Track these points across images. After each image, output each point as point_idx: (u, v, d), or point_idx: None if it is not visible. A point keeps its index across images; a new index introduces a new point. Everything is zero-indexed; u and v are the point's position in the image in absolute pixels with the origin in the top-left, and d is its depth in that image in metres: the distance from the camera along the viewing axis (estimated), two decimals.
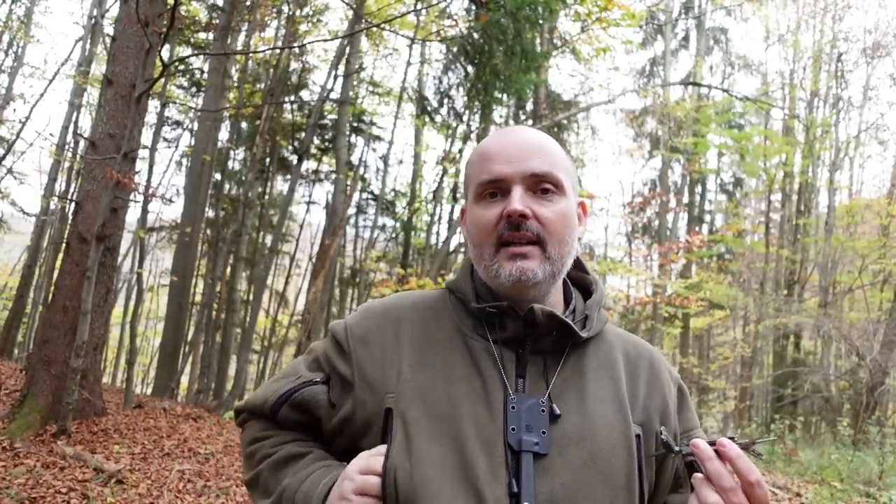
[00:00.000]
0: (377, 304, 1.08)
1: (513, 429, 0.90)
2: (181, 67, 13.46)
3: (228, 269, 14.00)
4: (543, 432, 0.90)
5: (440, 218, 15.48)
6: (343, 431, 1.00)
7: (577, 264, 1.09)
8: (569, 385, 0.96)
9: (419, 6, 12.16)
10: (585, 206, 1.07)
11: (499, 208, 0.95)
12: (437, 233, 15.21)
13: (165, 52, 10.51)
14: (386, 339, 1.01)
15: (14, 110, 15.73)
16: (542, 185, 0.96)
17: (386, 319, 1.04)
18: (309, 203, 17.37)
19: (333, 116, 14.55)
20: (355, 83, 15.04)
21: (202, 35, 14.00)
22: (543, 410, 0.92)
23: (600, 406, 0.95)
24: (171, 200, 11.80)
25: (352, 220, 16.09)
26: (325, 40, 12.92)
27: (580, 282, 1.10)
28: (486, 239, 0.96)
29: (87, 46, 13.46)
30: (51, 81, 14.03)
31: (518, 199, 0.93)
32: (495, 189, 0.96)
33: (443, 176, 14.13)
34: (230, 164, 15.36)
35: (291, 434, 1.05)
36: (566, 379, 0.97)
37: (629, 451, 0.93)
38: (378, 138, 16.76)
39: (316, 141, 15.39)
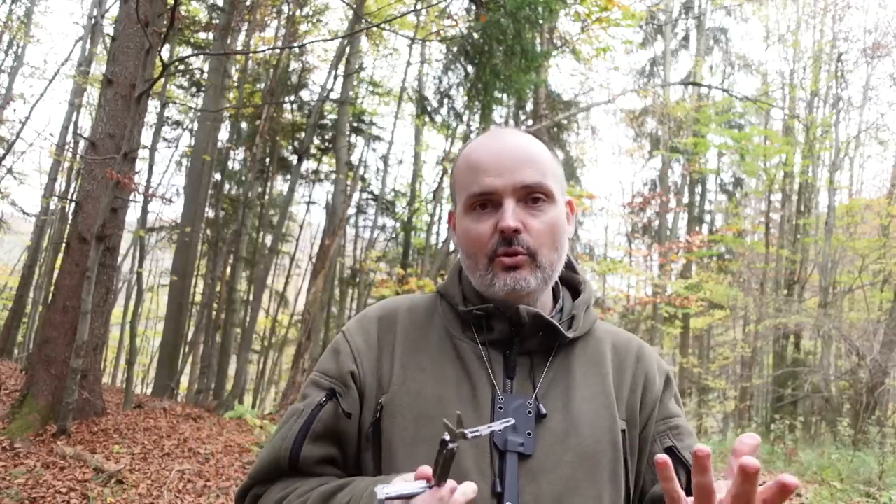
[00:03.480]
0: (373, 309, 1.09)
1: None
2: (181, 67, 13.46)
3: (228, 269, 13.99)
4: (529, 433, 0.91)
5: (440, 218, 15.47)
6: (362, 443, 0.99)
7: (568, 264, 1.10)
8: (556, 384, 0.97)
9: (419, 6, 12.16)
10: (573, 204, 1.08)
11: (491, 221, 0.95)
12: (437, 233, 15.22)
13: (165, 52, 10.51)
14: (382, 342, 1.02)
15: (14, 110, 15.73)
16: (532, 195, 0.96)
17: (381, 323, 1.05)
18: (309, 203, 17.39)
19: (333, 116, 14.55)
20: (355, 83, 15.04)
21: (202, 35, 13.99)
22: (530, 411, 0.93)
23: (586, 403, 0.96)
24: (170, 200, 11.80)
25: (352, 220, 16.10)
26: (325, 40, 12.93)
27: (570, 281, 1.11)
28: (479, 251, 0.96)
29: (87, 46, 13.46)
30: (51, 81, 14.04)
31: (511, 215, 0.94)
32: (486, 201, 0.96)
33: (443, 176, 14.12)
34: (230, 164, 15.36)
35: (319, 480, 0.96)
36: (553, 378, 0.98)
37: (614, 446, 0.94)
38: (378, 138, 16.76)
39: (316, 141, 15.39)
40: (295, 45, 12.86)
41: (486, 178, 0.95)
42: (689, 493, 0.88)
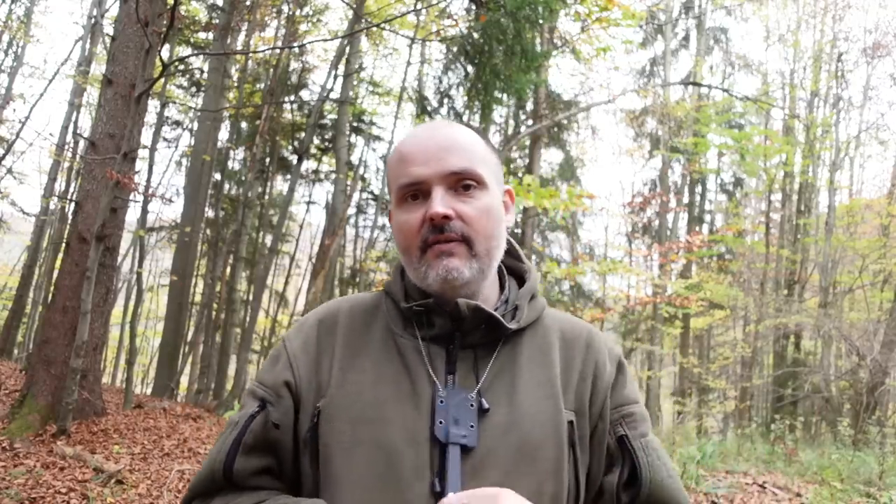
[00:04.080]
0: (313, 313, 1.07)
1: (440, 422, 0.89)
2: (181, 67, 13.45)
3: (228, 269, 13.99)
4: (472, 426, 0.89)
5: None
6: (299, 450, 0.97)
7: (512, 252, 1.08)
8: (500, 377, 0.95)
9: (419, 6, 12.16)
10: (512, 193, 1.06)
11: (421, 211, 0.93)
12: None
13: (165, 52, 10.50)
14: (322, 345, 1.00)
15: (14, 110, 15.74)
16: (462, 182, 0.94)
17: (321, 327, 1.03)
18: (309, 203, 17.39)
19: (333, 116, 14.55)
20: (355, 83, 15.04)
21: (202, 35, 13.99)
22: (472, 405, 0.91)
23: (530, 395, 0.94)
24: (170, 200, 11.80)
25: (352, 220, 16.10)
26: (325, 40, 12.92)
27: (516, 271, 1.08)
28: (411, 242, 0.94)
29: (87, 46, 13.45)
30: (50, 81, 14.04)
31: (439, 201, 0.91)
32: (416, 191, 0.94)
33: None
34: (230, 163, 15.36)
35: (256, 497, 0.94)
36: (498, 371, 0.95)
37: (558, 438, 0.92)
38: (378, 138, 16.77)
39: (316, 141, 15.40)
40: (295, 45, 12.85)
41: (413, 168, 0.94)
42: (631, 481, 0.96)
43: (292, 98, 14.75)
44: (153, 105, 12.38)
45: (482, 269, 0.94)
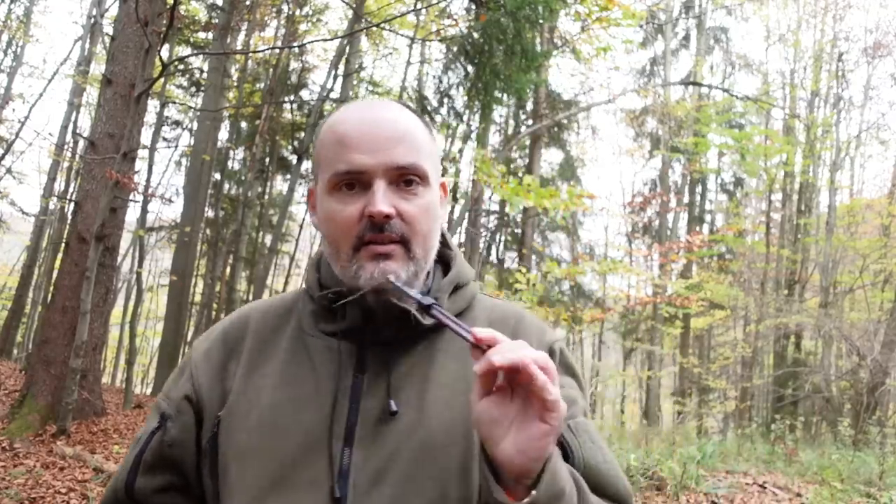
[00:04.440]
0: (225, 320, 1.01)
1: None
2: (181, 67, 13.45)
3: (228, 269, 13.99)
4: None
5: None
6: (201, 467, 0.92)
7: (440, 239, 1.00)
8: (412, 376, 0.88)
9: (419, 6, 12.16)
10: (446, 186, 1.00)
11: (359, 204, 0.85)
12: None
13: (165, 52, 10.50)
14: (229, 353, 0.95)
15: (13, 110, 15.74)
16: (406, 177, 0.87)
17: (228, 335, 0.97)
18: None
19: None
20: (355, 83, 15.04)
21: (202, 35, 13.99)
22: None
23: (443, 394, 0.87)
24: (170, 200, 11.80)
25: None
26: (325, 40, 12.92)
27: (443, 258, 1.01)
28: (343, 237, 0.86)
29: (87, 46, 13.45)
30: (50, 81, 14.04)
31: (381, 198, 0.84)
32: (353, 181, 0.86)
33: (442, 176, 14.11)
34: (230, 163, 15.36)
35: None
36: (411, 369, 0.89)
37: (467, 438, 0.85)
38: None
39: None
40: (295, 44, 12.85)
41: (354, 155, 0.85)
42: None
43: (292, 98, 14.75)
44: (153, 105, 12.38)
45: (417, 272, 0.88)
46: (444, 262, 1.00)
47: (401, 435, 0.84)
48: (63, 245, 7.65)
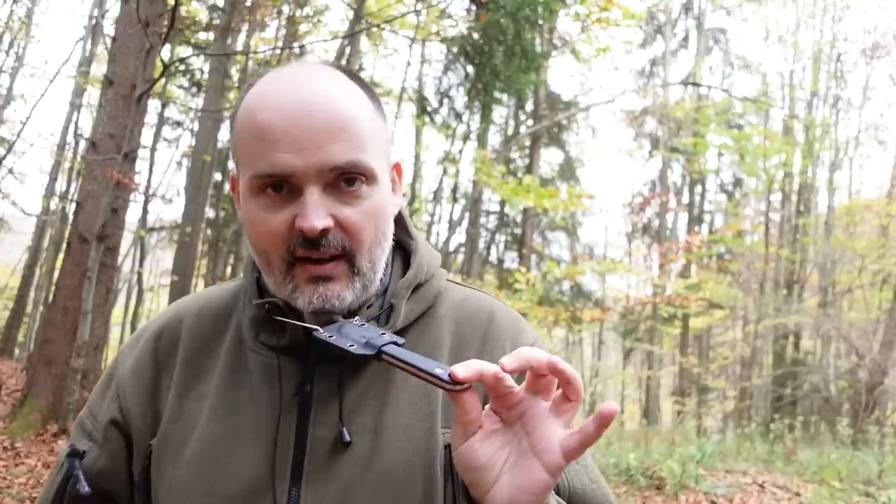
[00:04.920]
0: (156, 319, 0.87)
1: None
2: (182, 68, 13.48)
3: (229, 269, 14.01)
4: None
5: (440, 218, 15.52)
6: (135, 501, 0.81)
7: (399, 221, 0.84)
8: (366, 399, 0.75)
9: (419, 6, 12.18)
10: (400, 168, 0.83)
11: (287, 213, 0.69)
12: (437, 233, 15.23)
13: (166, 53, 10.53)
14: (158, 364, 0.82)
15: (15, 110, 15.77)
16: (346, 175, 0.70)
17: (161, 340, 0.83)
18: None
19: None
20: None
21: (202, 35, 14.02)
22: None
23: (400, 418, 0.74)
24: (170, 200, 11.82)
25: None
26: (326, 40, 12.94)
27: (403, 247, 0.85)
28: (272, 250, 0.71)
29: (88, 47, 13.48)
30: (51, 82, 14.08)
31: (314, 210, 0.68)
32: (279, 181, 0.69)
33: (443, 176, 14.15)
34: (230, 164, 15.38)
35: None
36: (365, 390, 0.75)
37: (429, 467, 0.73)
38: None
39: None
40: (295, 45, 12.88)
41: (278, 155, 0.68)
42: None
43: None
44: (154, 105, 12.41)
45: (365, 286, 0.74)
46: (403, 250, 0.85)
47: (356, 467, 0.72)
48: (64, 245, 7.67)
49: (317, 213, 0.68)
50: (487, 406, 0.62)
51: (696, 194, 19.70)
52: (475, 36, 10.54)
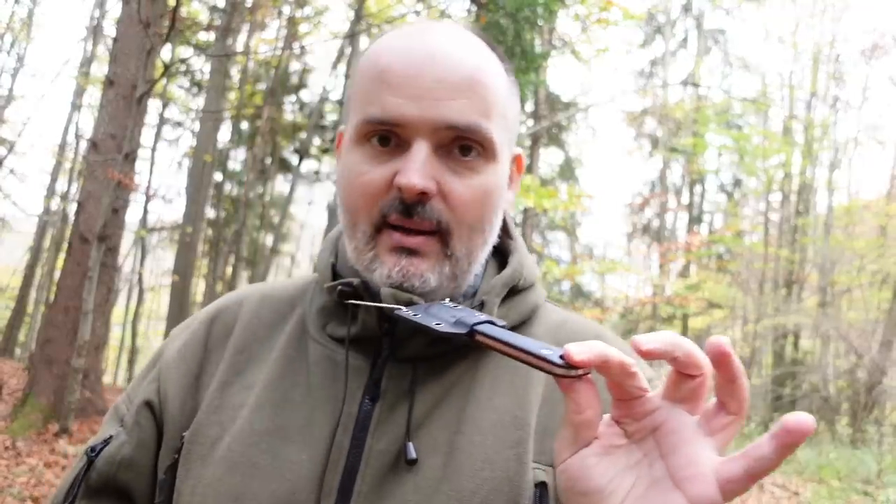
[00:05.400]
0: (213, 304, 0.79)
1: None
2: (182, 68, 13.51)
3: (229, 269, 14.03)
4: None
5: None
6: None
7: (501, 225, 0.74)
8: (444, 409, 0.64)
9: (419, 6, 12.21)
10: (521, 161, 0.74)
11: (388, 168, 0.62)
12: None
13: (166, 53, 10.56)
14: (208, 349, 0.73)
15: (16, 111, 15.80)
16: (462, 142, 0.62)
17: (214, 324, 0.75)
18: (309, 203, 17.44)
19: (334, 117, 14.60)
20: None
21: (203, 36, 14.05)
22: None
23: (484, 439, 0.62)
24: (171, 200, 11.85)
25: None
26: (326, 41, 12.97)
27: (501, 248, 0.74)
28: (362, 207, 0.63)
29: (89, 47, 13.52)
30: (52, 82, 14.11)
31: (417, 167, 0.60)
32: (388, 133, 0.62)
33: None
34: (231, 164, 15.41)
35: None
36: (442, 399, 0.64)
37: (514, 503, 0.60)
38: None
39: (317, 141, 15.45)
40: (297, 45, 12.91)
41: (392, 100, 0.61)
42: None
43: (294, 100, 14.81)
44: (154, 106, 12.45)
45: (455, 275, 0.64)
46: (499, 252, 0.74)
47: (418, 493, 0.60)
48: (65, 245, 7.70)
49: (421, 170, 0.60)
50: (607, 415, 0.48)
51: (695, 194, 19.72)
52: None
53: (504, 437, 0.62)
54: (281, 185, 18.12)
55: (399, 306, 0.59)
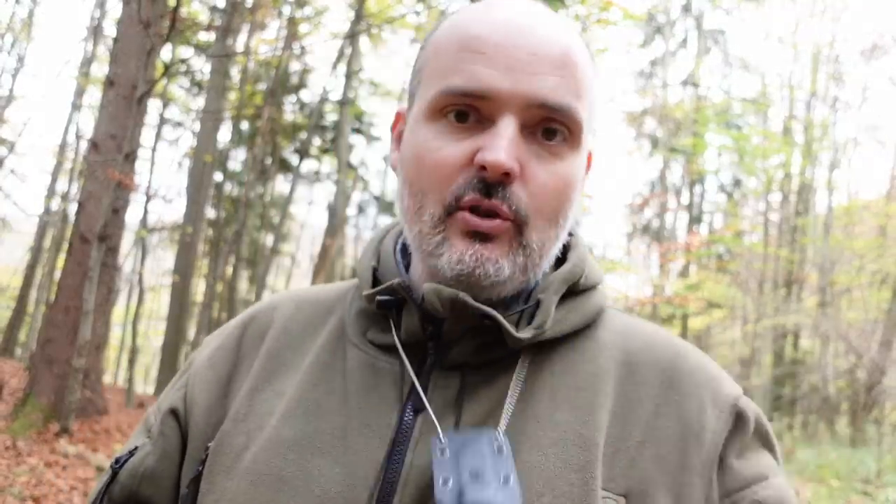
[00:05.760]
0: (247, 310, 0.75)
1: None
2: (182, 68, 13.52)
3: (229, 269, 14.05)
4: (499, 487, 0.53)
5: None
6: None
7: None
8: (496, 422, 0.57)
9: (419, 6, 12.22)
10: (591, 156, 0.67)
11: (467, 145, 0.56)
12: None
13: (167, 54, 10.58)
14: (240, 356, 0.68)
15: (16, 111, 15.83)
16: (550, 123, 0.57)
17: (249, 330, 0.70)
18: (309, 203, 17.46)
19: (334, 117, 14.62)
20: (356, 84, 15.11)
21: (203, 36, 14.07)
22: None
23: (541, 457, 0.55)
24: (171, 201, 11.88)
25: (352, 220, 16.16)
26: (326, 41, 12.98)
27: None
28: (433, 186, 0.57)
29: (89, 47, 13.53)
30: (52, 83, 14.11)
31: (506, 143, 0.54)
32: (468, 108, 0.57)
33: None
34: (231, 164, 15.43)
35: None
36: (493, 411, 0.57)
37: None
38: (378, 139, 16.85)
39: (317, 141, 15.47)
40: (296, 45, 12.92)
41: (481, 70, 0.56)
42: None
43: (294, 100, 14.83)
44: (155, 106, 12.46)
45: (526, 268, 0.58)
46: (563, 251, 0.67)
47: None
48: (66, 245, 7.71)
49: (509, 148, 0.54)
50: None
51: (695, 194, 19.72)
52: None
53: (567, 458, 0.55)
54: (281, 185, 18.16)
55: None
